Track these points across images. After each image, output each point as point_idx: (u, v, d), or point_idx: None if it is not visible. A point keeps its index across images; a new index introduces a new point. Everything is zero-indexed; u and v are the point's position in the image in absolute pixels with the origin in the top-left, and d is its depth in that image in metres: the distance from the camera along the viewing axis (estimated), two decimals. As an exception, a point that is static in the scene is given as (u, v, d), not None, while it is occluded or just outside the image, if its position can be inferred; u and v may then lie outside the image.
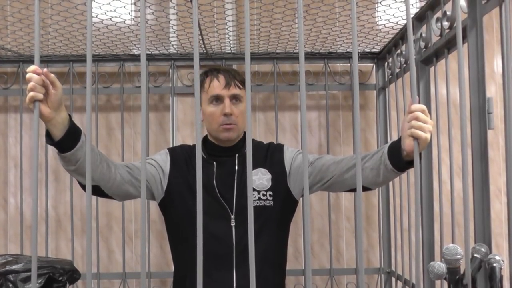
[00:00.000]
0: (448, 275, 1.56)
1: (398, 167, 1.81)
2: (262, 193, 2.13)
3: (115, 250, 3.70)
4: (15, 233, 3.66)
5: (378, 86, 3.68)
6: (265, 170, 2.17)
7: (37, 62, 1.32)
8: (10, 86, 3.68)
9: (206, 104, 2.15)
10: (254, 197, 2.10)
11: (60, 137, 1.71)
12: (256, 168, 2.16)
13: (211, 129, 2.16)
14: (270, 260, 2.12)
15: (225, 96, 2.11)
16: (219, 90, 2.11)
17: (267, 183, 2.14)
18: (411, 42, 1.30)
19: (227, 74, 2.14)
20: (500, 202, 3.62)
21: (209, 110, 2.13)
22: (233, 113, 2.11)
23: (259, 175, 2.15)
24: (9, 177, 3.73)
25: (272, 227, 2.13)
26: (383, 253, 3.63)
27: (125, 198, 2.12)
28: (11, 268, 2.10)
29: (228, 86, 2.11)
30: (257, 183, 2.14)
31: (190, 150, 2.22)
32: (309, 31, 3.14)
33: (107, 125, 3.77)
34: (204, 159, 2.13)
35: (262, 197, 2.12)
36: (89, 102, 1.24)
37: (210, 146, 2.20)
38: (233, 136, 2.16)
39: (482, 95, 2.08)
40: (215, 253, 2.05)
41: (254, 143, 2.26)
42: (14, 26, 3.03)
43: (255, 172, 2.15)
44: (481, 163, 2.10)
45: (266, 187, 2.13)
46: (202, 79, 2.17)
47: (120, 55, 3.61)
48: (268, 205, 2.12)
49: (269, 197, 2.13)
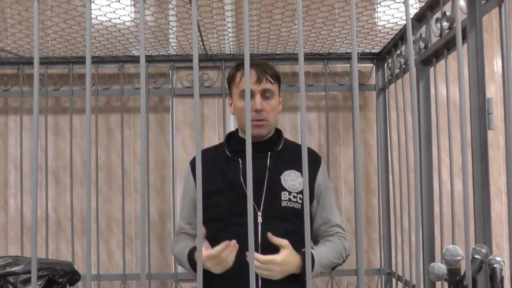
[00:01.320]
0: (449, 276, 1.56)
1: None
2: (293, 195, 2.11)
3: (115, 252, 3.70)
4: (16, 235, 3.66)
5: (378, 86, 3.68)
6: (298, 173, 2.15)
7: (36, 64, 1.32)
8: (10, 88, 3.68)
9: (237, 99, 2.12)
10: (285, 198, 2.10)
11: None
12: (290, 169, 2.14)
13: (242, 124, 2.13)
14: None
15: (256, 91, 2.08)
16: (250, 85, 2.06)
17: (299, 186, 2.12)
18: (410, 42, 1.30)
19: (258, 69, 2.10)
20: (501, 203, 3.62)
21: (240, 105, 2.10)
22: (264, 109, 2.08)
23: (292, 177, 2.13)
24: (10, 179, 3.73)
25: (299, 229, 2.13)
26: (383, 254, 3.63)
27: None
28: (11, 270, 2.10)
29: (259, 81, 2.08)
30: (289, 183, 2.12)
31: (215, 151, 2.22)
32: (309, 31, 3.14)
33: (107, 126, 3.77)
34: (229, 157, 2.13)
35: (293, 199, 2.11)
36: (88, 103, 1.24)
37: (239, 141, 2.18)
38: (264, 132, 2.14)
39: (482, 95, 2.08)
40: (243, 249, 2.05)
41: (288, 142, 2.25)
42: (14, 28, 3.03)
43: (288, 173, 2.13)
44: (481, 164, 2.10)
45: (297, 190, 2.12)
46: (232, 73, 2.15)
47: (120, 57, 3.61)
48: (297, 208, 2.11)
49: (299, 200, 2.11)
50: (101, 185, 3.65)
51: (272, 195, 2.09)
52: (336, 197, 3.71)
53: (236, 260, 2.00)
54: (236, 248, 1.91)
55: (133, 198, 3.72)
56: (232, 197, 2.10)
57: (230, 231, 2.04)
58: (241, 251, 2.02)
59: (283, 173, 2.12)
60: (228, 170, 2.13)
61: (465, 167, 1.49)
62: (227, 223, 2.09)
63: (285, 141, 2.24)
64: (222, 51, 3.57)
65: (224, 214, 2.10)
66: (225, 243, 1.92)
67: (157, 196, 3.68)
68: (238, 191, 2.09)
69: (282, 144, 2.20)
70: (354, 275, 3.63)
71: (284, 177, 2.12)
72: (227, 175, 2.12)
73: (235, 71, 2.15)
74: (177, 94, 3.70)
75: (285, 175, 2.12)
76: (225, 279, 2.04)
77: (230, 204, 2.10)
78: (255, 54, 3.59)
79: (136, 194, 3.71)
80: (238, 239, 1.98)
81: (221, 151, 2.20)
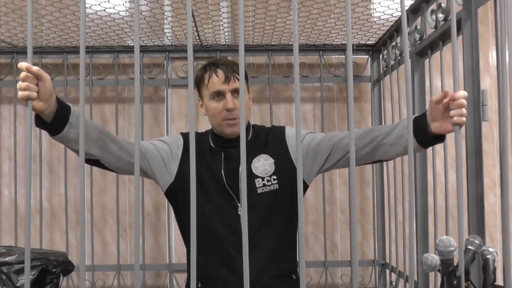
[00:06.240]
0: (442, 267, 1.56)
1: (424, 144, 1.82)
2: (266, 179, 2.12)
3: (109, 242, 3.70)
4: (10, 225, 3.66)
5: (373, 78, 3.68)
6: (267, 155, 2.15)
7: (30, 54, 1.31)
8: (3, 77, 3.66)
9: (208, 100, 2.12)
10: (259, 184, 2.10)
11: (49, 122, 1.70)
12: (258, 154, 2.14)
13: (215, 123, 2.14)
14: (282, 243, 2.12)
15: (226, 91, 2.07)
16: (219, 86, 2.07)
17: (270, 168, 2.12)
18: (405, 34, 1.30)
19: (225, 68, 2.10)
20: (494, 194, 3.63)
21: (211, 106, 2.11)
22: (235, 107, 2.09)
23: (261, 162, 2.14)
24: (3, 169, 3.72)
25: (282, 210, 2.12)
26: (377, 245, 3.64)
27: (126, 173, 2.12)
28: (4, 260, 2.10)
29: (228, 81, 2.07)
30: (260, 169, 2.13)
31: (200, 138, 2.20)
32: (304, 23, 3.14)
33: (102, 117, 3.76)
34: (214, 148, 2.13)
35: (267, 183, 2.11)
36: (83, 93, 1.24)
37: (216, 137, 2.18)
38: (238, 130, 2.14)
39: (476, 87, 2.08)
40: (227, 241, 2.06)
41: (256, 128, 2.24)
42: (7, 17, 3.01)
43: (257, 159, 2.13)
44: (476, 156, 2.11)
45: (269, 172, 2.12)
46: (201, 74, 2.13)
47: (115, 47, 3.59)
48: (273, 189, 2.11)
49: (273, 181, 2.12)
50: (96, 175, 3.64)
51: (248, 185, 2.09)
52: (331, 188, 3.71)
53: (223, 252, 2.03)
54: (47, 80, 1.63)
55: (127, 188, 3.71)
56: (214, 188, 2.10)
57: (213, 224, 2.07)
58: (226, 241, 2.04)
59: (252, 161, 2.12)
60: (211, 162, 2.14)
61: (459, 159, 1.49)
62: (211, 217, 2.10)
63: (253, 129, 2.23)
64: (217, 42, 3.56)
65: (203, 203, 2.10)
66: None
67: (151, 187, 3.68)
68: (219, 184, 2.10)
69: (251, 133, 2.20)
70: (348, 266, 3.65)
71: (254, 165, 2.13)
72: (210, 167, 2.13)
73: (202, 72, 2.13)
74: (172, 84, 3.69)
75: (254, 162, 2.13)
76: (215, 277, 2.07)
77: (213, 198, 2.11)
78: (250, 45, 3.58)
79: (131, 184, 3.71)
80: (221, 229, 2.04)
81: (205, 140, 2.19)
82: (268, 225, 2.08)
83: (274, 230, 2.08)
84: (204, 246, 2.04)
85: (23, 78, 1.49)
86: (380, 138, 1.93)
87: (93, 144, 1.86)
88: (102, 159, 1.93)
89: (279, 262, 2.10)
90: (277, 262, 2.09)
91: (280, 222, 2.10)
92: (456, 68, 1.35)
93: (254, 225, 2.03)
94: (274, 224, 2.09)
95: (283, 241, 2.13)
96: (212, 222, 2.07)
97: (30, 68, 1.48)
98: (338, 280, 3.71)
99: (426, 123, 1.76)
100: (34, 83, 1.51)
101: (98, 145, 1.88)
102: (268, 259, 2.07)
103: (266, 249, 2.07)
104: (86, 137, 1.79)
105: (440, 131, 1.71)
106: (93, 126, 1.87)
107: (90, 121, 1.91)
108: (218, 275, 2.07)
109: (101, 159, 1.92)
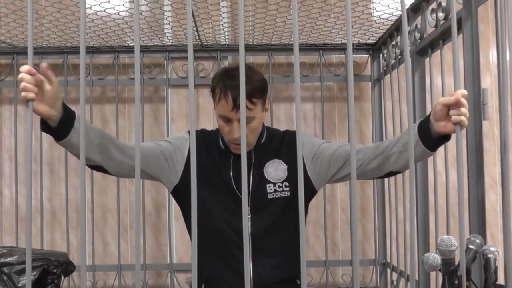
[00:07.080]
0: (443, 266, 1.56)
1: (430, 146, 1.82)
2: (278, 185, 2.09)
3: (110, 242, 3.70)
4: (10, 225, 3.66)
5: (373, 77, 3.67)
6: (280, 160, 2.11)
7: (30, 54, 1.31)
8: (4, 78, 3.66)
9: (217, 115, 2.07)
10: (270, 190, 2.07)
11: (54, 127, 1.70)
12: (271, 159, 2.12)
13: (224, 137, 2.10)
14: (290, 249, 2.09)
15: (233, 119, 1.97)
16: (228, 112, 1.96)
17: (283, 174, 2.09)
18: (406, 33, 1.29)
19: (235, 93, 1.95)
20: (495, 193, 3.63)
21: (220, 123, 2.03)
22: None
23: (274, 167, 2.10)
24: (4, 169, 3.72)
25: (292, 217, 2.08)
26: (378, 245, 3.64)
27: (129, 177, 2.10)
28: (5, 260, 2.10)
29: (236, 109, 1.96)
30: (272, 175, 2.09)
31: (209, 138, 2.16)
32: (304, 22, 3.13)
33: (102, 117, 3.76)
34: (223, 150, 2.10)
35: (278, 189, 2.09)
36: (83, 94, 1.23)
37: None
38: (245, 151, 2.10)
39: (477, 86, 2.08)
40: (234, 243, 2.04)
41: (270, 131, 2.20)
42: (8, 18, 3.01)
43: (270, 163, 2.10)
44: (476, 154, 2.11)
45: (282, 179, 2.08)
46: (214, 85, 2.03)
47: (115, 47, 3.59)
48: (284, 196, 2.08)
49: (284, 188, 2.09)
50: (96, 175, 3.63)
51: (259, 190, 2.07)
52: (332, 188, 3.71)
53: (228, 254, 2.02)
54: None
55: (128, 188, 3.71)
56: (222, 190, 2.08)
57: (219, 226, 2.06)
58: (233, 243, 2.02)
59: (265, 165, 2.10)
60: (219, 164, 2.11)
61: (460, 158, 1.49)
62: (217, 219, 2.08)
63: (268, 132, 2.19)
64: (217, 42, 3.56)
65: (210, 205, 2.08)
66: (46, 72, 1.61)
67: (152, 187, 3.68)
68: (227, 186, 2.08)
69: (265, 136, 2.17)
70: (349, 265, 3.64)
71: (267, 169, 2.10)
72: (218, 168, 2.10)
73: (214, 86, 2.05)
74: (172, 84, 3.69)
75: (267, 167, 2.10)
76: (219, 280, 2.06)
77: (220, 200, 2.09)
78: (250, 45, 3.58)
79: (131, 184, 3.71)
80: (228, 231, 2.02)
81: (214, 140, 2.16)
82: (276, 231, 2.05)
83: (281, 236, 2.06)
84: (210, 248, 2.03)
85: (21, 78, 1.49)
86: (389, 148, 1.93)
87: (95, 149, 1.85)
88: (104, 165, 1.92)
89: (284, 267, 2.08)
90: (282, 268, 2.07)
91: (288, 228, 2.06)
92: (456, 67, 1.35)
93: (262, 230, 2.02)
94: (282, 230, 2.06)
95: (289, 247, 2.09)
96: (219, 224, 2.06)
97: (30, 71, 1.48)
98: (339, 279, 3.71)
99: (429, 126, 1.76)
100: (32, 83, 1.51)
101: (99, 150, 1.87)
102: (274, 265, 2.06)
103: (272, 255, 2.05)
104: (87, 142, 1.79)
105: (445, 130, 1.71)
106: (95, 131, 1.85)
107: (92, 125, 1.90)
108: (222, 277, 2.05)
109: (104, 165, 1.92)
